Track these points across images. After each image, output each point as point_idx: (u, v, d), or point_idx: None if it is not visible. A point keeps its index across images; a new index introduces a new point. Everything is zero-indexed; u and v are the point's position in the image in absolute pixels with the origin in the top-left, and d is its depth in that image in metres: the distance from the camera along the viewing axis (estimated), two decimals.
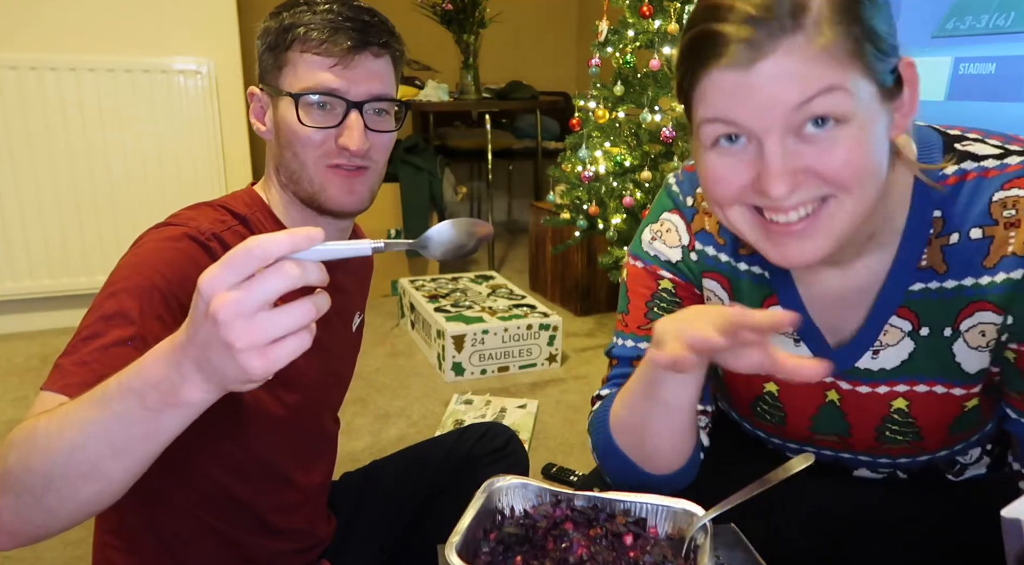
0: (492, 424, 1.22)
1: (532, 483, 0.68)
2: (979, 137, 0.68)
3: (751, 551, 0.68)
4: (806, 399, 0.78)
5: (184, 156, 2.60)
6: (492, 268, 3.48)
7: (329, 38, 0.82)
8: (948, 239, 0.67)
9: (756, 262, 0.78)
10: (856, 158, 0.58)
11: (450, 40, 3.31)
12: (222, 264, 0.46)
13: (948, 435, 0.74)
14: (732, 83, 0.57)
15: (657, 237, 0.82)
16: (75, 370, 0.67)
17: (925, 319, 0.69)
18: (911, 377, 0.72)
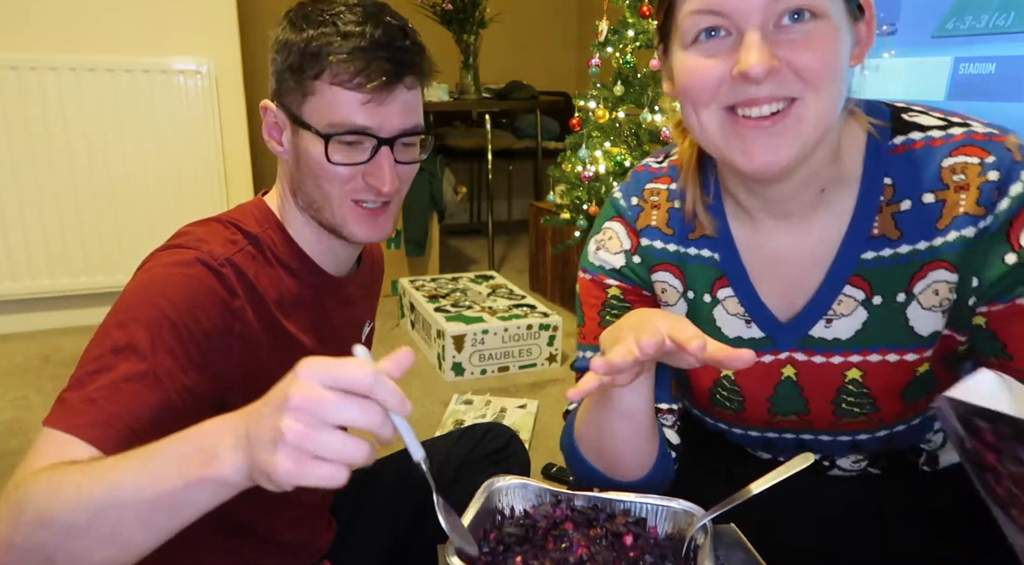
0: (493, 424, 1.22)
1: (532, 483, 0.68)
2: (923, 110, 0.72)
3: (751, 551, 0.68)
4: (762, 379, 0.79)
5: (184, 156, 2.60)
6: (492, 268, 3.48)
7: (362, 71, 0.76)
8: (899, 206, 0.69)
9: (706, 246, 0.79)
10: (827, 55, 0.62)
11: (450, 40, 3.31)
12: (337, 364, 0.48)
13: (902, 403, 0.75)
14: None
15: (601, 247, 0.85)
16: (83, 408, 0.64)
17: (878, 287, 0.71)
18: (864, 348, 0.73)
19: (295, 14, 0.81)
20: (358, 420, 0.48)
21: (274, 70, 0.82)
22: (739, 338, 0.79)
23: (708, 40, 0.64)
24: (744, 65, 0.61)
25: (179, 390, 0.68)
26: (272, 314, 0.81)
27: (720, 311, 0.80)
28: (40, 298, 2.57)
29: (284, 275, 0.84)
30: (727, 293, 0.79)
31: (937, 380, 0.73)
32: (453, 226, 4.39)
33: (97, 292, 2.58)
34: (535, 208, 3.11)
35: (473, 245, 4.05)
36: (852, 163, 0.71)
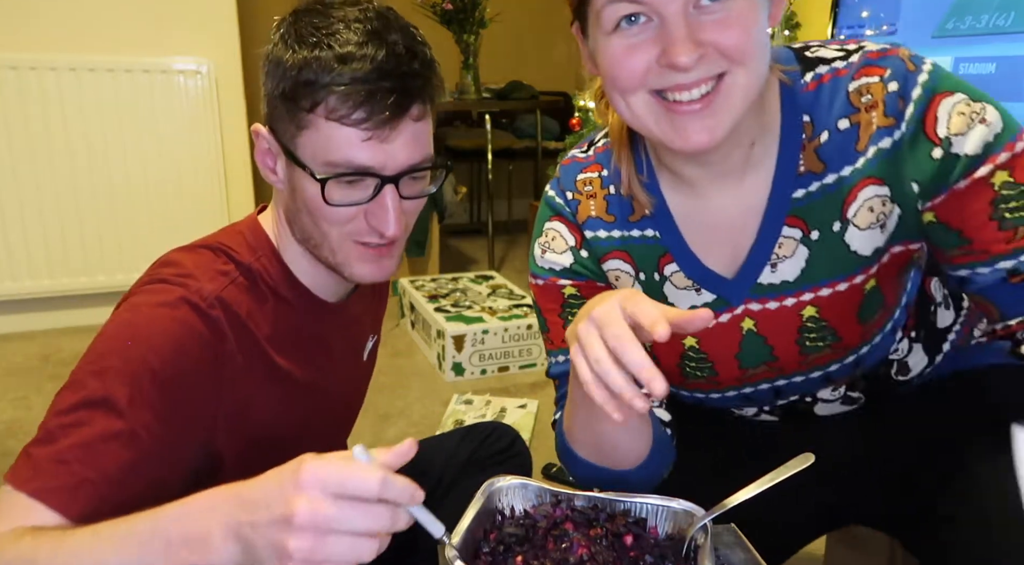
0: (497, 424, 1.21)
1: (532, 483, 0.68)
2: (820, 44, 0.74)
3: (751, 551, 0.68)
4: (725, 338, 0.79)
5: (184, 156, 2.60)
6: (492, 268, 3.48)
7: (363, 105, 0.67)
8: (819, 140, 0.71)
9: (647, 225, 0.80)
10: (750, 29, 0.63)
11: (450, 40, 3.31)
12: (341, 473, 0.47)
13: (860, 324, 0.76)
14: None
15: (546, 249, 0.84)
16: (51, 469, 0.60)
17: (813, 222, 0.73)
18: (814, 284, 0.74)
19: (287, 28, 0.71)
20: (369, 528, 0.48)
21: (265, 92, 0.73)
22: (693, 307, 0.79)
23: (630, 27, 0.64)
24: (672, 57, 0.62)
25: (158, 444, 0.64)
26: (263, 352, 0.76)
27: (669, 287, 0.81)
28: (40, 298, 2.57)
29: (279, 306, 0.79)
30: (673, 268, 0.80)
31: (883, 294, 0.75)
32: (453, 226, 4.39)
33: (97, 292, 2.58)
34: (535, 208, 3.10)
35: (473, 245, 4.05)
36: (773, 112, 0.73)
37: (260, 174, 0.82)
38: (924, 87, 0.66)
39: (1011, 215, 0.64)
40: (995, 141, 0.64)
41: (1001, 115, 0.65)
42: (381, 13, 0.71)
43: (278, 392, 0.79)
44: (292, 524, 0.47)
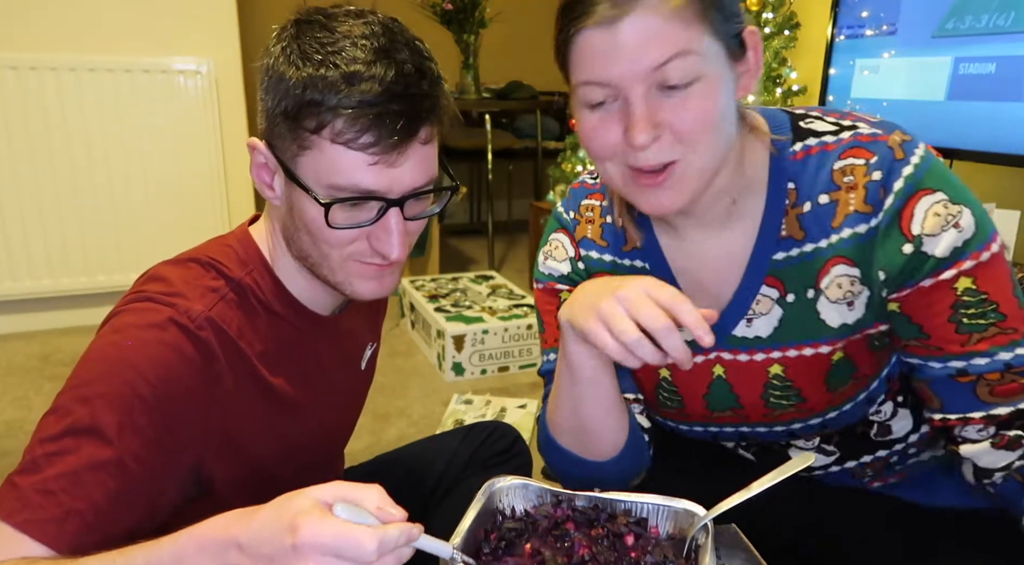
0: (498, 424, 1.21)
1: (533, 483, 0.68)
2: (819, 115, 0.76)
3: (751, 551, 0.68)
4: (696, 379, 0.82)
5: (184, 156, 2.60)
6: (492, 268, 3.48)
7: (371, 128, 0.64)
8: (802, 208, 0.74)
9: (637, 256, 0.83)
10: (705, 113, 0.66)
11: (450, 40, 3.31)
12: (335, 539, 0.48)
13: (828, 391, 0.78)
14: (600, 41, 0.64)
15: (548, 256, 0.89)
16: (38, 501, 0.58)
17: (790, 285, 0.75)
18: (783, 344, 0.77)
19: (289, 42, 0.67)
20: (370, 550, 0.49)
21: (263, 108, 0.69)
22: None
23: (600, 106, 0.69)
24: (631, 137, 0.66)
25: (147, 472, 0.63)
26: (255, 371, 0.75)
27: None
28: (40, 298, 2.57)
29: (271, 322, 0.77)
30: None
31: (856, 366, 0.76)
32: (453, 226, 4.39)
33: (97, 292, 2.58)
34: (535, 208, 3.11)
35: (473, 245, 4.05)
36: (759, 172, 0.75)
37: None
38: (907, 181, 0.68)
39: (968, 321, 0.67)
40: (964, 247, 0.66)
41: (976, 221, 0.67)
42: (387, 27, 0.68)
43: (270, 411, 0.78)
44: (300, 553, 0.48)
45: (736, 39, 0.68)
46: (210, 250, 0.76)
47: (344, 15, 0.69)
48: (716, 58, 0.66)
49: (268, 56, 0.69)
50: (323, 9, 0.70)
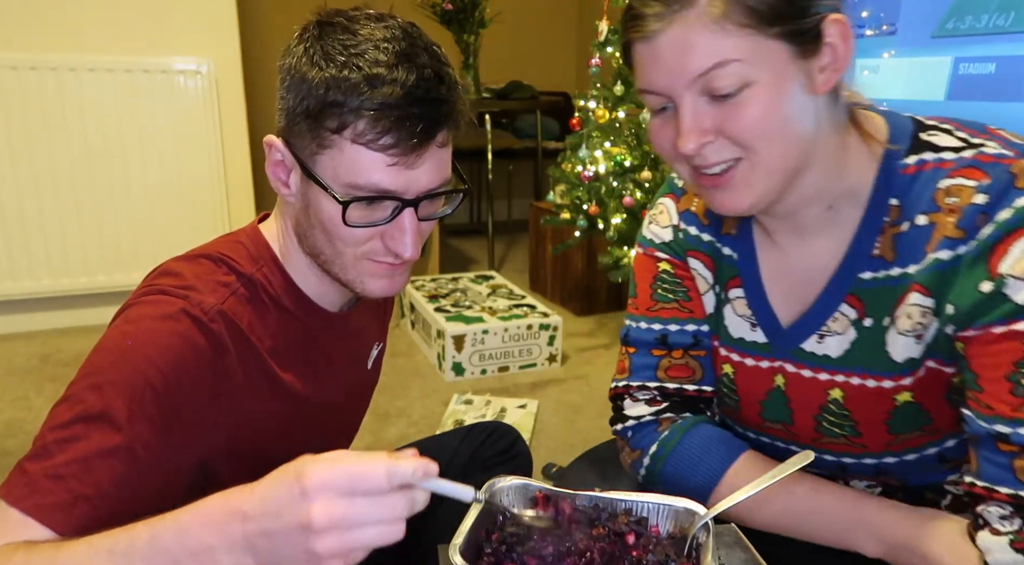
0: (498, 424, 1.21)
1: (533, 483, 0.68)
2: (949, 128, 0.70)
3: (751, 551, 0.68)
4: (757, 385, 0.81)
5: (184, 156, 2.60)
6: (492, 268, 3.48)
7: (391, 130, 0.66)
8: (900, 228, 0.69)
9: (729, 243, 0.81)
10: (762, 119, 0.63)
11: (450, 40, 3.31)
12: (344, 473, 0.48)
13: (888, 433, 0.74)
14: (647, 54, 0.65)
15: (653, 221, 0.87)
16: (47, 486, 0.58)
17: (870, 309, 0.71)
18: (848, 368, 0.74)
19: (311, 43, 0.69)
20: (388, 517, 0.48)
21: (284, 106, 0.71)
22: (742, 340, 0.81)
23: (663, 111, 0.69)
24: (678, 145, 0.66)
25: (155, 461, 0.64)
26: (265, 365, 0.75)
27: (729, 310, 0.82)
28: (40, 298, 2.56)
29: (281, 317, 0.78)
30: (737, 293, 0.81)
31: (928, 415, 0.71)
32: (453, 226, 4.39)
33: (97, 292, 2.58)
34: (535, 208, 3.11)
35: (473, 245, 4.06)
36: (863, 179, 0.71)
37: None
38: (1018, 213, 0.61)
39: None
40: None
41: None
42: (407, 31, 0.70)
43: (279, 406, 0.78)
44: (312, 529, 0.47)
45: (809, 34, 0.63)
46: (221, 246, 0.77)
47: (365, 18, 0.70)
48: (774, 60, 0.63)
49: (290, 56, 0.70)
50: (344, 11, 0.71)
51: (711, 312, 0.84)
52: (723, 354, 0.83)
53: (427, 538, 1.06)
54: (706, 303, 0.84)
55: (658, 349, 0.85)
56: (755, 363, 0.80)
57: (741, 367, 0.81)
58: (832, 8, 0.65)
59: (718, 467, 0.79)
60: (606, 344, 2.63)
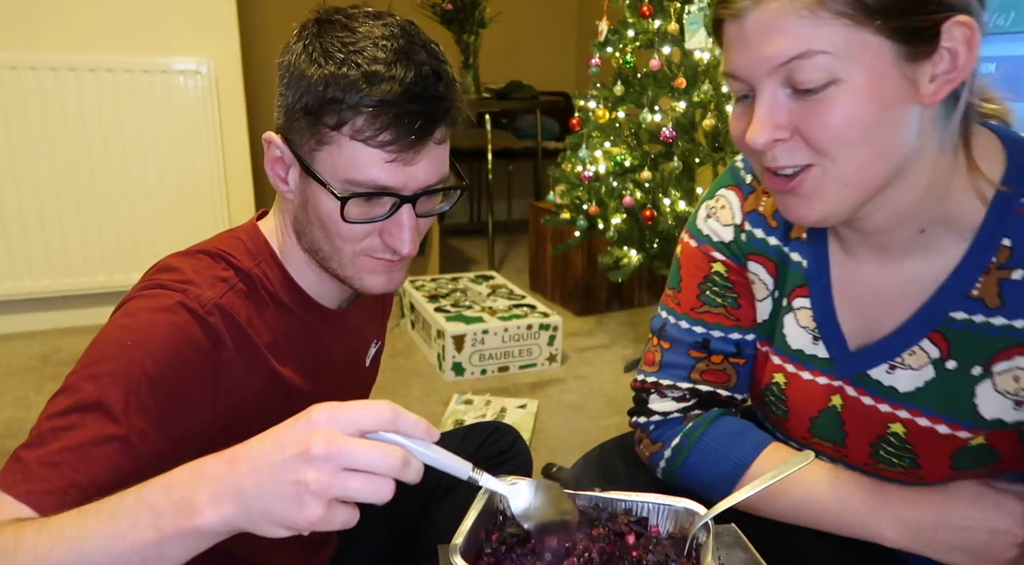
0: (498, 424, 1.21)
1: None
2: None
3: (751, 551, 0.68)
4: (810, 400, 0.76)
5: (184, 156, 2.60)
6: (492, 268, 3.48)
7: (390, 127, 0.66)
8: (1010, 273, 0.62)
9: (798, 249, 0.76)
10: (845, 123, 0.57)
11: (450, 40, 3.31)
12: (356, 409, 0.48)
13: (951, 469, 0.70)
14: (733, 33, 0.61)
15: (712, 214, 0.80)
16: (42, 473, 0.58)
17: (956, 352, 0.66)
18: (916, 407, 0.69)
19: (310, 41, 0.69)
20: (382, 466, 0.48)
21: (283, 103, 0.71)
22: (800, 352, 0.76)
23: (744, 99, 0.64)
24: (747, 136, 0.61)
25: (151, 452, 0.63)
26: (264, 359, 0.75)
27: (791, 319, 0.77)
28: (40, 298, 2.57)
29: (279, 313, 0.78)
30: (802, 303, 0.75)
31: (996, 454, 0.67)
32: (453, 226, 4.39)
33: (97, 292, 2.58)
34: (535, 208, 3.11)
35: (473, 245, 4.06)
36: (969, 209, 0.64)
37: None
38: None
39: None
40: None
41: None
42: (405, 29, 0.70)
43: (278, 401, 0.78)
44: (308, 456, 0.46)
45: (924, 34, 0.56)
46: (220, 243, 0.78)
47: (364, 16, 0.71)
48: (872, 58, 0.56)
49: (289, 53, 0.71)
50: (342, 9, 0.72)
51: (765, 319, 0.80)
52: (776, 362, 0.78)
53: (427, 538, 1.06)
54: (761, 310, 0.80)
55: (698, 352, 0.82)
56: (812, 377, 0.76)
57: (795, 379, 0.77)
58: (961, 7, 0.56)
59: (745, 457, 0.77)
60: (606, 344, 2.63)
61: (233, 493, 0.48)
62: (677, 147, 2.17)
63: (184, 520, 0.48)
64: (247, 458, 0.49)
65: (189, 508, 0.48)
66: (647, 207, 2.22)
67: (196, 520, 0.48)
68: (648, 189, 2.26)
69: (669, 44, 2.14)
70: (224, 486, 0.48)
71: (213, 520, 0.48)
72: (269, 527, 0.48)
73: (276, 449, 0.48)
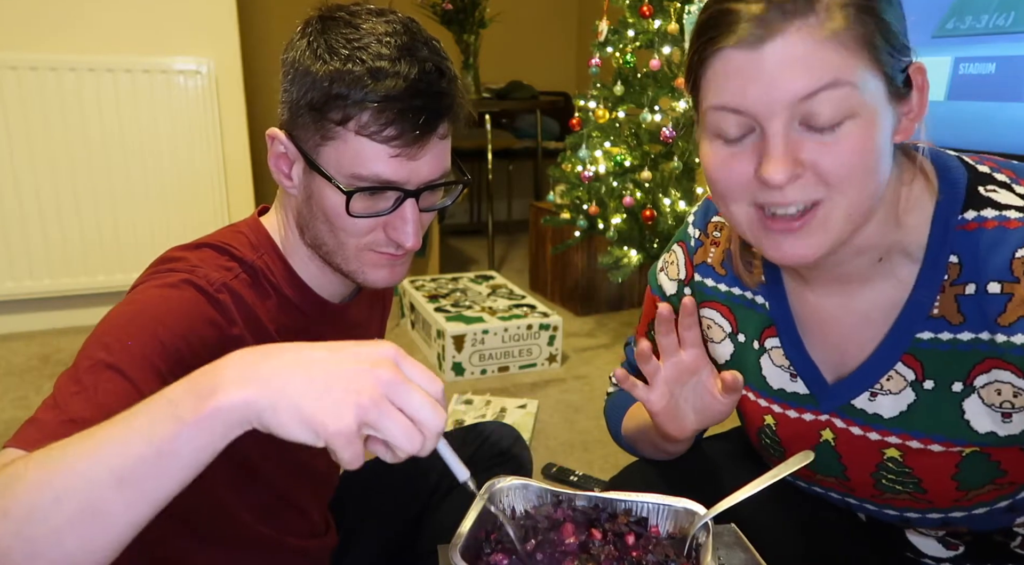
0: (498, 425, 1.21)
1: (533, 484, 0.68)
2: (1007, 180, 0.65)
3: (751, 551, 0.68)
4: (802, 437, 0.77)
5: (184, 156, 2.60)
6: (492, 268, 3.48)
7: (394, 122, 0.67)
8: (964, 289, 0.63)
9: (759, 292, 0.78)
10: (857, 155, 0.58)
11: (450, 40, 3.31)
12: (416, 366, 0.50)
13: (956, 490, 0.69)
14: (742, 62, 0.57)
15: (664, 267, 0.87)
16: (62, 431, 0.54)
17: (931, 371, 0.66)
18: (905, 430, 0.69)
19: (315, 37, 0.70)
20: (426, 418, 0.48)
21: (287, 99, 0.72)
22: (782, 391, 0.78)
23: (735, 142, 0.61)
24: (765, 173, 0.58)
25: None
26: (273, 340, 0.76)
27: (767, 360, 0.78)
28: (40, 298, 2.56)
29: (281, 305, 0.79)
30: (774, 343, 0.77)
31: (1000, 467, 0.67)
32: (453, 226, 4.39)
33: (97, 292, 2.58)
34: (535, 208, 3.11)
35: (473, 245, 4.05)
36: (917, 232, 0.65)
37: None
38: None
39: None
40: None
41: None
42: (407, 25, 0.71)
43: None
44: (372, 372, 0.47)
45: (902, 75, 0.59)
46: (222, 236, 0.78)
47: (366, 13, 0.71)
48: (875, 94, 0.57)
49: (293, 50, 0.71)
50: (345, 6, 0.73)
51: (727, 360, 0.82)
52: (763, 405, 0.80)
53: (427, 538, 1.06)
54: (720, 351, 0.82)
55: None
56: (798, 415, 0.77)
57: (783, 419, 0.78)
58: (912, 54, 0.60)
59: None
60: (606, 344, 2.63)
61: (260, 379, 0.47)
62: (677, 147, 2.17)
63: (203, 402, 0.45)
64: (296, 351, 0.49)
65: (210, 391, 0.46)
66: (647, 207, 2.22)
67: (214, 401, 0.45)
68: (648, 189, 2.26)
69: (669, 44, 2.14)
70: (249, 371, 0.47)
71: (231, 402, 0.45)
72: (290, 422, 0.46)
73: (344, 353, 0.48)
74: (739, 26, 0.56)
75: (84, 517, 0.45)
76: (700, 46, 0.60)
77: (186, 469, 0.47)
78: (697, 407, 0.76)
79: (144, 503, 0.47)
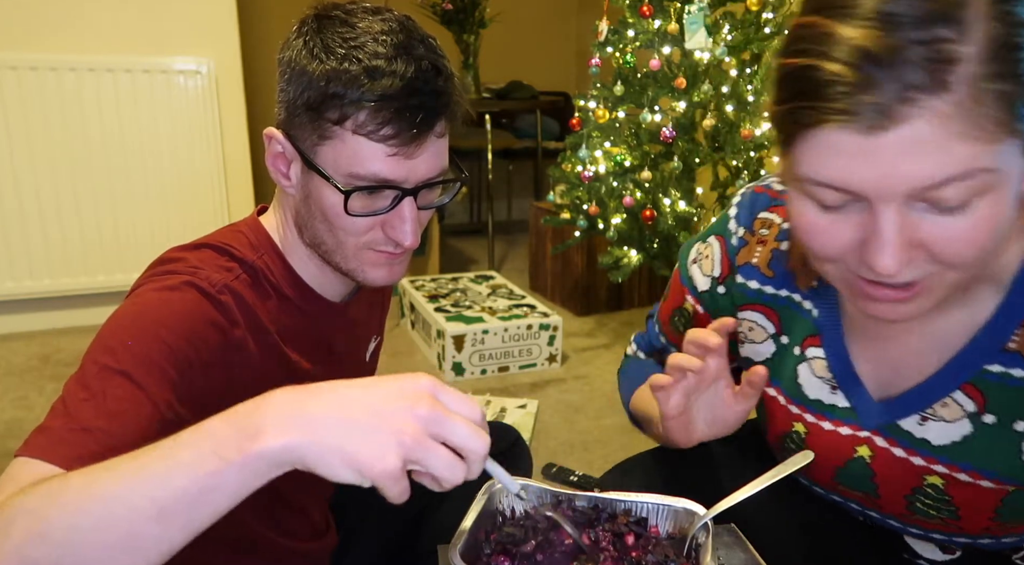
0: (498, 425, 1.21)
1: (533, 484, 0.68)
2: None
3: (751, 551, 0.68)
4: (833, 450, 0.73)
5: (184, 156, 2.59)
6: (492, 268, 3.48)
7: (392, 121, 0.67)
8: None
9: (808, 297, 0.74)
10: (984, 234, 0.50)
11: (450, 40, 3.31)
12: (454, 393, 0.50)
13: (992, 521, 0.67)
14: (853, 146, 0.48)
15: (698, 259, 0.84)
16: (74, 439, 0.56)
17: (994, 406, 0.63)
18: (953, 462, 0.65)
19: (311, 36, 0.70)
20: (471, 447, 0.49)
21: (284, 99, 0.72)
22: (819, 402, 0.74)
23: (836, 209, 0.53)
24: (873, 261, 0.51)
25: (177, 421, 0.62)
26: (275, 342, 0.76)
27: (805, 368, 0.75)
28: (40, 298, 2.56)
29: (282, 304, 0.79)
30: (816, 353, 0.73)
31: None
32: (453, 226, 4.39)
33: (97, 292, 2.58)
34: (535, 208, 3.11)
35: (473, 245, 4.05)
36: (1008, 260, 0.60)
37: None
38: None
39: None
40: None
41: None
42: (403, 24, 0.71)
43: (289, 385, 0.78)
44: (413, 410, 0.47)
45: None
46: (221, 236, 0.78)
47: (362, 12, 0.71)
48: (1010, 159, 0.49)
49: (289, 49, 0.71)
50: (341, 5, 0.72)
51: (767, 358, 0.78)
52: (793, 412, 0.76)
53: (427, 538, 1.06)
54: (760, 350, 0.79)
55: (655, 355, 0.94)
56: (833, 428, 0.73)
57: (816, 429, 0.74)
58: None
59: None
60: (606, 344, 2.63)
61: (303, 422, 0.47)
62: (677, 147, 2.17)
63: (248, 443, 0.46)
64: (334, 392, 0.49)
65: (254, 432, 0.46)
66: (647, 207, 2.22)
67: (259, 443, 0.46)
68: (648, 189, 2.26)
69: (669, 44, 2.14)
70: (292, 414, 0.48)
71: (276, 446, 0.46)
72: (336, 464, 0.47)
73: (381, 391, 0.49)
74: (857, 108, 0.47)
75: (122, 545, 0.46)
76: (797, 107, 0.50)
77: (224, 504, 0.48)
78: (708, 419, 0.74)
79: (180, 534, 0.47)
